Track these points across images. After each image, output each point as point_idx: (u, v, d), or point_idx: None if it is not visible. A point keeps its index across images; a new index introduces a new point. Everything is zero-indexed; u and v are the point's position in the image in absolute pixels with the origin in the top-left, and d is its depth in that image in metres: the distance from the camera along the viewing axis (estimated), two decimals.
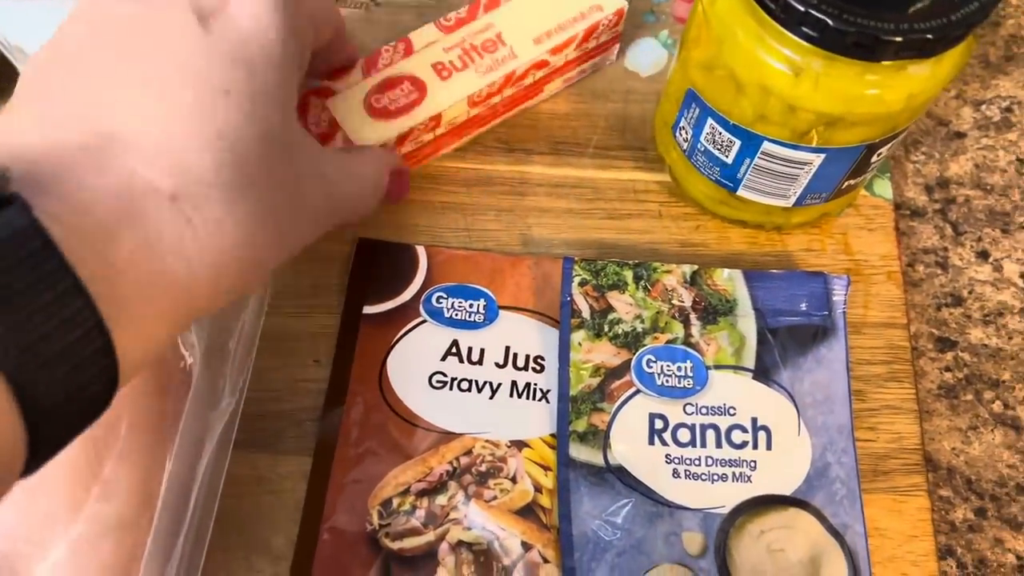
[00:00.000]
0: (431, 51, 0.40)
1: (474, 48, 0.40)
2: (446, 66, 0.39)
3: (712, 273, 0.38)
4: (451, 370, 0.37)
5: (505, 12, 0.40)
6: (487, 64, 0.39)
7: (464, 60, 0.39)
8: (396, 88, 0.39)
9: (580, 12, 0.40)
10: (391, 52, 0.40)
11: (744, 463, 0.35)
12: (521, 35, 0.40)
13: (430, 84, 0.39)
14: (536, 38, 0.40)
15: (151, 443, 0.32)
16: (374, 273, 0.39)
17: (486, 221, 0.41)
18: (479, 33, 0.40)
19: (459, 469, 0.35)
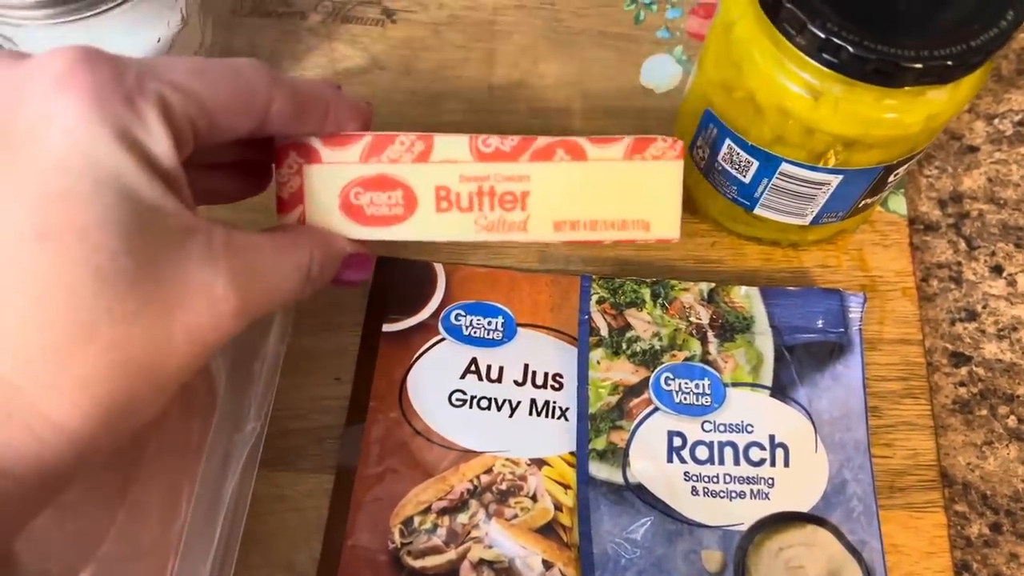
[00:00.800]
0: (446, 170, 0.33)
1: (492, 193, 0.33)
2: (450, 197, 0.33)
3: (729, 290, 0.39)
4: (470, 388, 0.37)
5: (548, 172, 0.33)
6: (492, 220, 0.33)
7: (472, 201, 0.33)
8: (385, 192, 0.33)
9: (623, 219, 0.33)
10: (404, 147, 0.33)
11: (762, 480, 0.36)
12: (547, 209, 0.33)
13: (421, 207, 0.33)
14: (558, 223, 0.33)
15: (178, 466, 0.32)
16: (393, 291, 0.39)
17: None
18: (507, 180, 0.33)
19: (480, 487, 0.35)
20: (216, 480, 0.31)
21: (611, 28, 0.47)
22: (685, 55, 0.46)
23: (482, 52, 0.46)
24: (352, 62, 0.45)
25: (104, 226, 0.22)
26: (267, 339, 0.33)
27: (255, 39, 0.46)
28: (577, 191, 0.33)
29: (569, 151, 0.33)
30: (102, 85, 0.23)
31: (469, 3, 0.47)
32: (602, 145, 0.33)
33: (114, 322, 0.22)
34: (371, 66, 0.45)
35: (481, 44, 0.46)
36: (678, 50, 0.46)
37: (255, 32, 0.46)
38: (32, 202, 0.22)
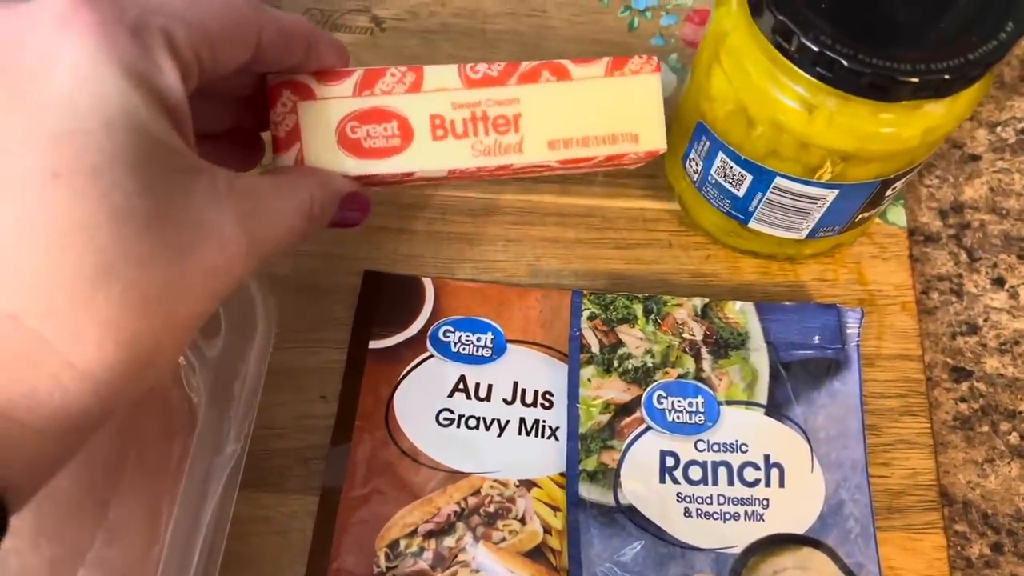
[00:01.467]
0: (438, 98, 0.34)
1: (484, 118, 0.34)
2: (445, 124, 0.34)
3: (723, 306, 0.38)
4: (458, 407, 0.36)
5: (537, 93, 0.34)
6: (488, 144, 0.34)
7: (467, 127, 0.34)
8: (380, 124, 0.33)
9: (612, 133, 0.35)
10: (396, 78, 0.34)
11: (757, 501, 0.35)
12: (539, 130, 0.34)
13: (418, 136, 0.34)
14: (552, 141, 0.34)
15: (156, 487, 0.31)
16: (381, 306, 0.39)
17: (494, 252, 0.40)
18: (499, 104, 0.34)
19: (467, 510, 0.35)
20: (195, 503, 0.30)
21: (604, 35, 0.46)
22: (680, 63, 0.45)
23: (473, 61, 0.45)
24: None
25: (117, 165, 0.22)
26: (248, 360, 0.32)
27: None
28: (566, 110, 0.34)
29: (554, 72, 0.34)
30: (106, 21, 0.23)
31: (460, 11, 0.46)
32: (584, 65, 0.34)
33: (132, 263, 0.22)
34: None
35: (472, 53, 0.45)
36: (672, 58, 0.45)
37: None
38: (43, 143, 0.21)
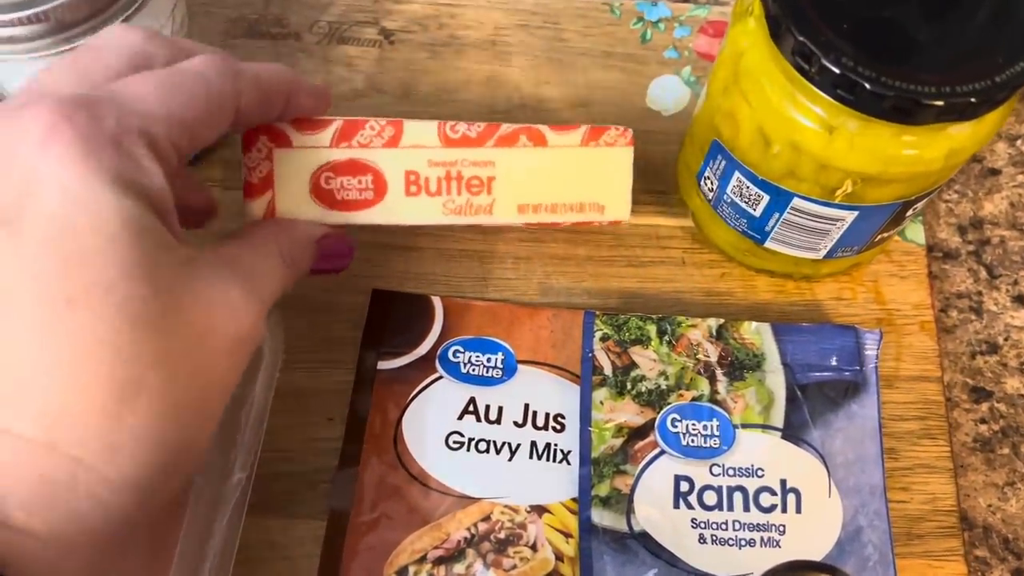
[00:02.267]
0: (415, 155, 0.34)
1: (459, 178, 0.35)
2: (419, 181, 0.34)
3: (739, 326, 0.37)
4: (468, 430, 0.36)
5: (512, 157, 0.35)
6: (460, 204, 0.35)
7: (440, 185, 0.34)
8: (355, 176, 0.34)
9: (580, 202, 0.35)
10: (375, 131, 0.34)
11: (773, 527, 0.34)
12: (511, 193, 0.35)
13: (391, 192, 0.34)
14: (522, 206, 0.35)
15: (162, 515, 0.31)
16: (389, 325, 0.38)
17: (503, 269, 0.40)
18: (474, 165, 0.35)
19: (477, 536, 0.34)
20: (201, 532, 0.30)
21: (617, 48, 0.45)
22: (694, 76, 0.44)
23: (483, 75, 0.45)
24: (349, 85, 0.44)
25: (125, 276, 0.22)
26: (253, 387, 0.31)
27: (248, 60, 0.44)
28: (538, 176, 0.35)
29: (531, 138, 0.35)
30: (87, 136, 0.23)
31: (470, 24, 0.46)
32: (561, 132, 0.35)
33: (159, 367, 0.22)
34: (368, 89, 0.44)
35: (482, 66, 0.45)
36: (686, 71, 0.45)
37: (249, 55, 0.44)
38: (50, 271, 0.21)
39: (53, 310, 0.21)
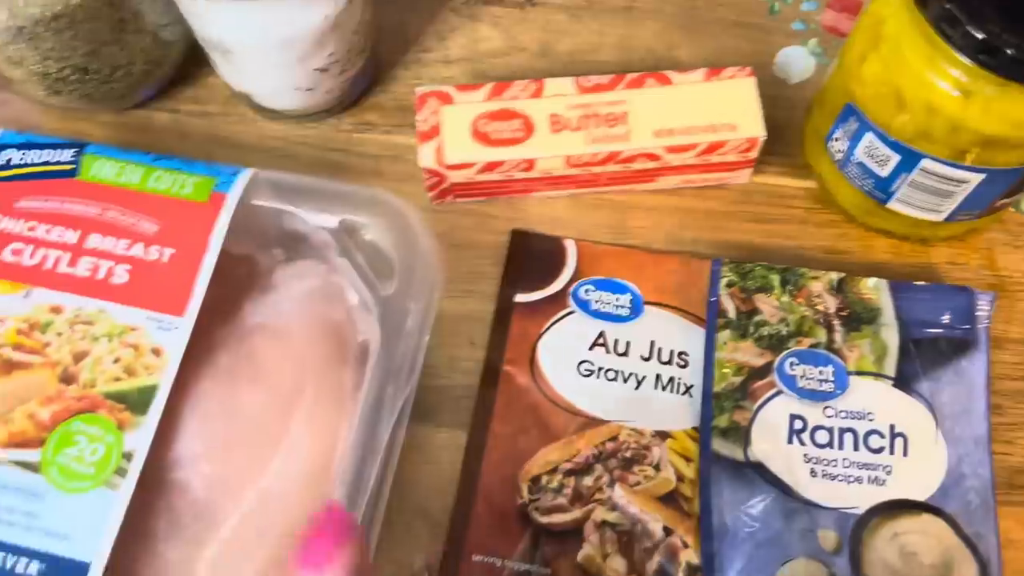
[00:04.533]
0: (556, 102, 0.41)
1: (596, 116, 0.41)
2: (561, 120, 0.40)
3: (858, 282, 0.39)
4: (598, 360, 0.39)
5: (642, 95, 0.41)
6: (599, 135, 0.40)
7: (580, 122, 0.40)
8: (507, 121, 0.40)
9: (712, 124, 0.40)
10: (520, 87, 0.41)
11: (880, 467, 0.37)
12: (645, 122, 0.40)
13: (539, 130, 0.40)
14: (657, 131, 0.40)
15: (332, 410, 0.35)
16: (526, 263, 0.41)
17: (632, 218, 0.43)
18: (608, 104, 0.41)
19: (605, 453, 0.37)
20: (371, 426, 0.33)
21: (745, 18, 0.48)
22: (820, 48, 0.47)
23: (617, 37, 0.47)
24: (492, 43, 0.47)
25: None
26: (420, 301, 0.35)
27: (404, 17, 0.48)
28: (669, 106, 0.41)
29: (657, 80, 0.41)
30: None
31: None
32: (683, 73, 0.41)
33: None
34: (510, 48, 0.47)
35: (617, 30, 0.48)
36: (812, 42, 0.47)
37: (405, 11, 0.48)
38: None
39: None
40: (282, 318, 0.36)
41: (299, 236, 0.38)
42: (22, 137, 0.38)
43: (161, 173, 0.36)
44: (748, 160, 0.41)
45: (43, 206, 0.36)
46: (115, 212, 0.36)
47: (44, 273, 0.34)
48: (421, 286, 0.36)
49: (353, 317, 0.37)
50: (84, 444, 0.31)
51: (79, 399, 0.32)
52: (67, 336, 0.33)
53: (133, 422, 0.32)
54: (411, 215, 0.37)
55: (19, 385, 0.33)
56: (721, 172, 0.42)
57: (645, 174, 0.42)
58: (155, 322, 0.33)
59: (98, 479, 0.31)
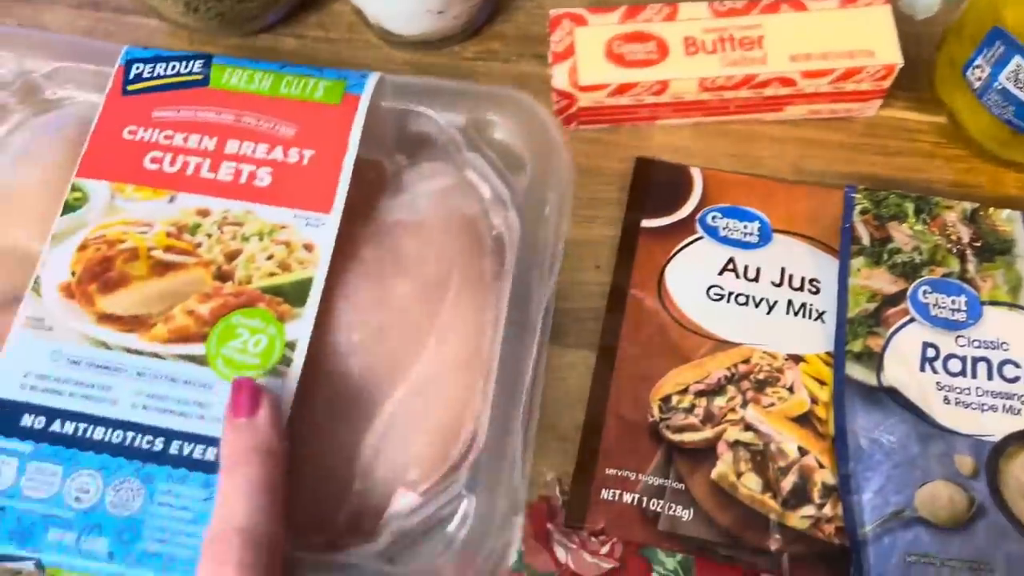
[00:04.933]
0: (691, 25, 0.41)
1: (731, 39, 0.40)
2: (696, 43, 0.40)
3: (991, 213, 0.39)
4: (728, 284, 0.39)
5: (777, 20, 0.41)
6: (734, 58, 0.40)
7: (715, 45, 0.40)
8: (642, 43, 0.40)
9: (849, 50, 0.40)
10: (654, 11, 0.41)
11: (1015, 396, 0.36)
12: (781, 47, 0.40)
13: (673, 52, 0.40)
14: (794, 55, 0.40)
15: (477, 297, 0.36)
16: (651, 190, 0.41)
17: (759, 149, 0.43)
18: (743, 29, 0.40)
19: (737, 375, 0.37)
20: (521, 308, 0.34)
21: None
22: None
23: None
24: None
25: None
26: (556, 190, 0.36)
27: None
28: (805, 31, 0.40)
29: (792, 5, 0.41)
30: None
31: None
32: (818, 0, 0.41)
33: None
34: None
35: None
36: None
37: None
38: None
39: None
40: (419, 214, 0.37)
41: (425, 138, 0.39)
42: (149, 52, 0.39)
43: (291, 79, 0.37)
44: (880, 89, 0.41)
45: (178, 115, 0.37)
46: (251, 118, 0.36)
47: (187, 179, 0.35)
48: (556, 175, 0.37)
49: (487, 210, 0.38)
50: (246, 336, 0.32)
51: (236, 295, 0.33)
52: (217, 237, 0.34)
53: (292, 314, 0.32)
54: (539, 109, 0.38)
55: (175, 284, 0.33)
56: (850, 103, 0.42)
57: (774, 101, 0.41)
58: (303, 220, 0.34)
59: (265, 368, 0.31)
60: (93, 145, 0.36)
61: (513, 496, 0.31)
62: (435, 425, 0.33)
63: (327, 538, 0.32)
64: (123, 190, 0.35)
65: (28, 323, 0.33)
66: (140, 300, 0.33)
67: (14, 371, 0.32)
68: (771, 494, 0.35)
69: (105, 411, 0.31)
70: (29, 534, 0.29)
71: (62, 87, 0.40)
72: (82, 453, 0.30)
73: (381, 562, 0.31)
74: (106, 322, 0.32)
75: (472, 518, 0.31)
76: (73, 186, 0.35)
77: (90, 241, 0.34)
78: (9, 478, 0.30)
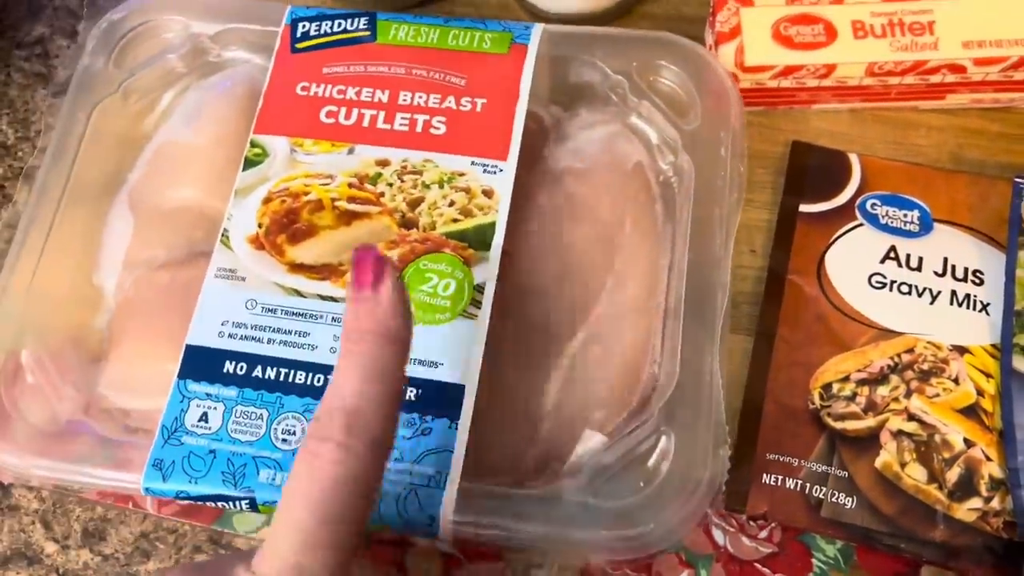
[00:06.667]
0: (859, 8, 0.40)
1: (901, 24, 0.39)
2: (865, 27, 0.39)
3: None
4: (890, 273, 0.39)
5: (948, 5, 0.40)
6: (905, 43, 0.39)
7: (885, 29, 0.39)
8: (809, 25, 0.40)
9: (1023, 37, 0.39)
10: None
11: None
12: (953, 32, 0.39)
13: (841, 36, 0.39)
14: (966, 42, 0.39)
15: (651, 240, 0.36)
16: (809, 175, 0.41)
17: (916, 136, 0.42)
18: (914, 13, 0.40)
19: (900, 365, 0.37)
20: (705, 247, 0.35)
21: None
22: None
23: None
24: None
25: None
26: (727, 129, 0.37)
27: None
28: (978, 17, 0.39)
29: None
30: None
31: None
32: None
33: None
34: None
35: None
36: None
37: None
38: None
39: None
40: (587, 161, 0.37)
41: (585, 87, 0.40)
42: (313, 11, 0.39)
43: (457, 31, 0.38)
44: None
45: (348, 71, 0.38)
46: (421, 70, 0.37)
47: (364, 131, 0.36)
48: (727, 116, 0.37)
49: (654, 155, 0.38)
50: (436, 280, 0.33)
51: (422, 241, 0.34)
52: (398, 186, 0.35)
53: (478, 257, 0.33)
54: (702, 51, 0.39)
55: (362, 232, 0.34)
56: (1016, 92, 0.41)
57: (939, 88, 0.41)
58: (480, 167, 0.35)
59: (455, 311, 0.32)
60: (268, 102, 0.37)
61: (717, 431, 0.32)
62: (617, 367, 0.34)
63: (516, 478, 0.33)
64: (302, 144, 0.36)
65: (221, 274, 0.34)
66: (329, 249, 0.34)
67: (212, 320, 0.33)
68: (936, 485, 0.35)
69: (306, 356, 0.32)
70: (242, 475, 0.30)
71: (228, 49, 0.41)
72: (286, 397, 0.31)
73: (583, 496, 0.32)
74: (298, 271, 0.34)
75: (672, 454, 0.32)
76: (252, 142, 0.36)
77: (274, 194, 0.35)
78: (216, 423, 0.31)
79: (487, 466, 0.32)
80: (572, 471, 0.32)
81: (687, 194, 0.36)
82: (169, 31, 0.41)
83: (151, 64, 0.40)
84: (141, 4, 0.41)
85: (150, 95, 0.40)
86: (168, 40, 0.41)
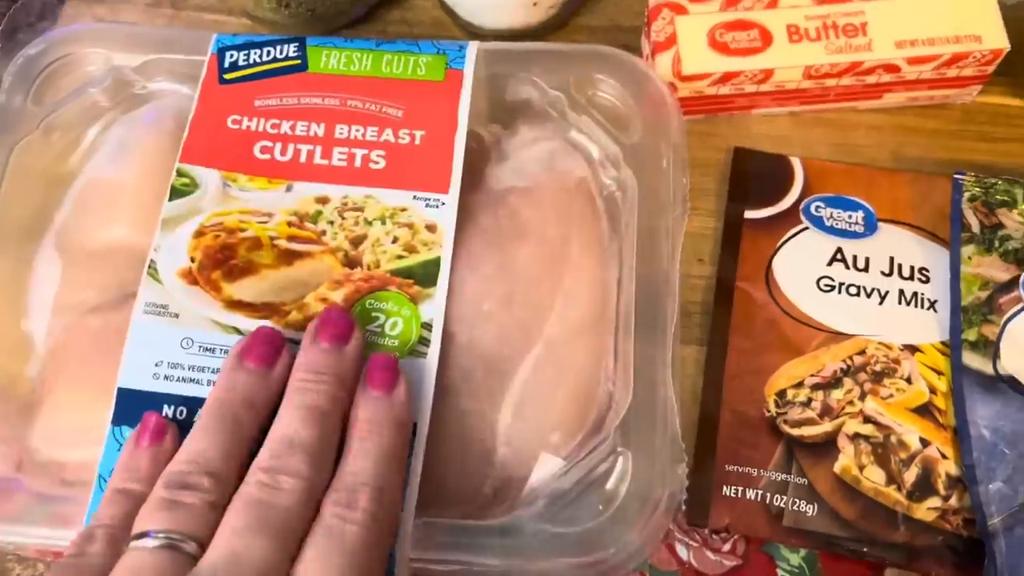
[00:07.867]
0: (792, 12, 0.40)
1: (834, 26, 0.39)
2: (799, 31, 0.39)
3: None
4: (837, 275, 0.39)
5: (880, 5, 0.40)
6: (839, 45, 0.39)
7: (819, 32, 0.39)
8: (744, 31, 0.39)
9: (956, 35, 0.39)
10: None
11: None
12: (885, 32, 0.39)
13: (777, 40, 0.39)
14: (899, 41, 0.39)
15: (597, 260, 0.36)
16: (752, 180, 0.41)
17: (855, 137, 0.42)
18: (846, 15, 0.40)
19: (853, 367, 0.37)
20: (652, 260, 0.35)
21: None
22: None
23: None
24: None
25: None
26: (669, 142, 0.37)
27: None
28: (908, 17, 0.40)
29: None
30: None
31: None
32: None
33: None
34: None
35: None
36: None
37: None
38: None
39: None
40: (530, 179, 0.37)
41: (523, 104, 0.39)
42: (240, 38, 0.38)
43: (391, 56, 0.37)
44: (983, 75, 0.40)
45: (282, 103, 0.36)
46: (356, 101, 0.36)
47: (301, 167, 0.35)
48: (667, 128, 0.37)
49: (596, 170, 0.38)
50: (383, 320, 0.32)
51: (367, 280, 0.33)
52: (339, 223, 0.34)
53: (424, 294, 0.32)
54: (639, 63, 0.38)
55: (304, 272, 0.33)
56: (950, 89, 0.41)
57: (875, 89, 0.41)
58: (422, 201, 0.34)
59: (404, 351, 0.31)
60: (194, 132, 0.36)
61: (673, 447, 0.32)
62: (570, 387, 0.33)
63: (475, 509, 0.32)
64: (235, 179, 0.35)
65: (151, 310, 0.32)
66: (270, 288, 0.33)
67: (144, 360, 0.31)
68: (895, 486, 0.35)
69: None
70: None
71: (153, 80, 0.40)
72: None
73: (542, 523, 0.31)
74: (236, 308, 0.32)
75: (630, 474, 0.32)
76: (179, 171, 0.35)
77: (207, 228, 0.34)
78: None
79: (444, 499, 0.31)
80: (530, 498, 0.32)
81: (631, 208, 0.36)
82: (90, 64, 0.39)
83: (72, 99, 0.38)
84: (60, 37, 0.40)
85: (73, 131, 0.39)
86: (90, 73, 0.39)
